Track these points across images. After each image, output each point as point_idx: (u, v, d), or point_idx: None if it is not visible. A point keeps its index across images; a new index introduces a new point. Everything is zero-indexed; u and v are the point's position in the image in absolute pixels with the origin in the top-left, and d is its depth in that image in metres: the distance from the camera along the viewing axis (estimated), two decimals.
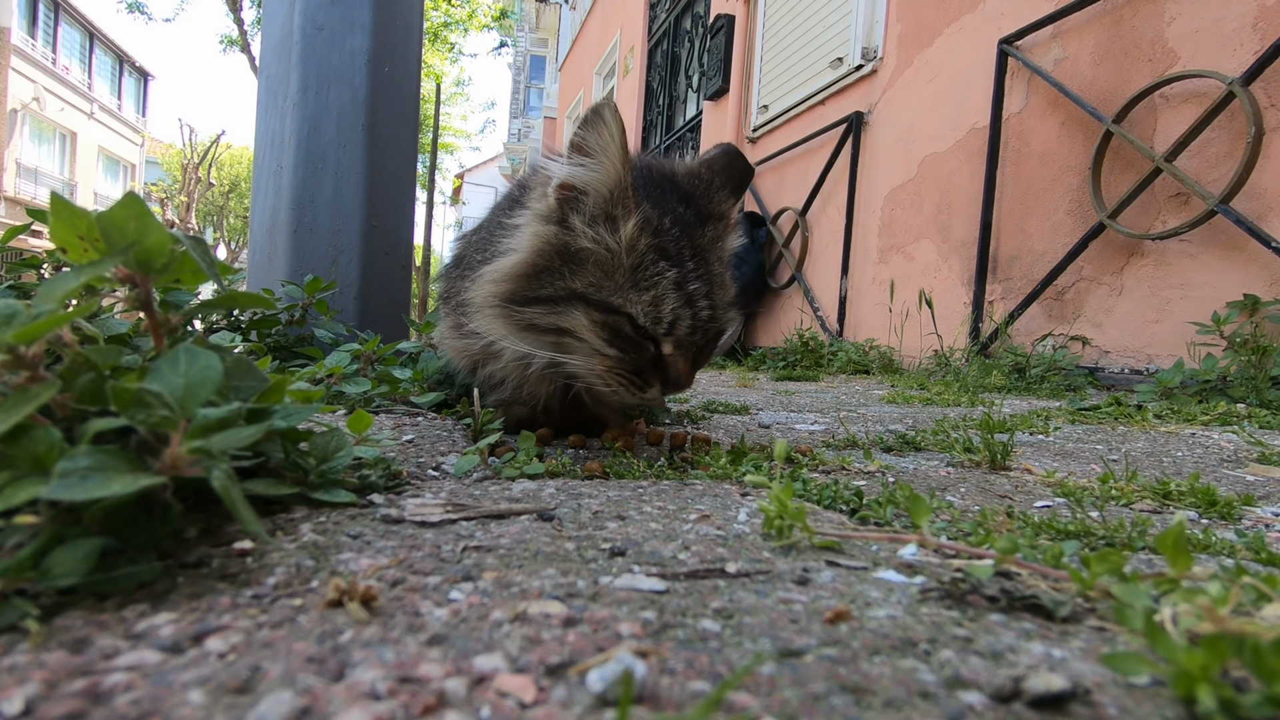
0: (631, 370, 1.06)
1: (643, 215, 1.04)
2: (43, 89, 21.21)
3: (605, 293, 1.04)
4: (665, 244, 1.04)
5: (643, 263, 1.03)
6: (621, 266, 1.03)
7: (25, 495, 0.48)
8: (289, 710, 0.37)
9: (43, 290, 0.59)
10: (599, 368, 1.07)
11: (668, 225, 1.05)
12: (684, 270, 1.04)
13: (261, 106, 2.66)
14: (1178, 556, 0.53)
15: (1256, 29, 2.54)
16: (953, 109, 3.94)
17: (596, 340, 1.05)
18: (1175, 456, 1.39)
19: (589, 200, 1.04)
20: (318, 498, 0.74)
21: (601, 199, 1.03)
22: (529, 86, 23.15)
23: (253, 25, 17.22)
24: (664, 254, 1.04)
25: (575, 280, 1.05)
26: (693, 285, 1.04)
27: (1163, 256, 2.83)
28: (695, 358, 1.11)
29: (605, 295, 1.03)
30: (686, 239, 1.07)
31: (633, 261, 1.03)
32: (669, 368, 1.07)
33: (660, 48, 9.38)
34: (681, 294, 1.03)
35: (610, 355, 1.05)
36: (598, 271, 1.04)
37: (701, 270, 1.06)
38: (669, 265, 1.03)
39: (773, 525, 0.70)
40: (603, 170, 1.01)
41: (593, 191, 1.03)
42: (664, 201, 1.08)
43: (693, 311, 1.04)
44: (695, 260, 1.06)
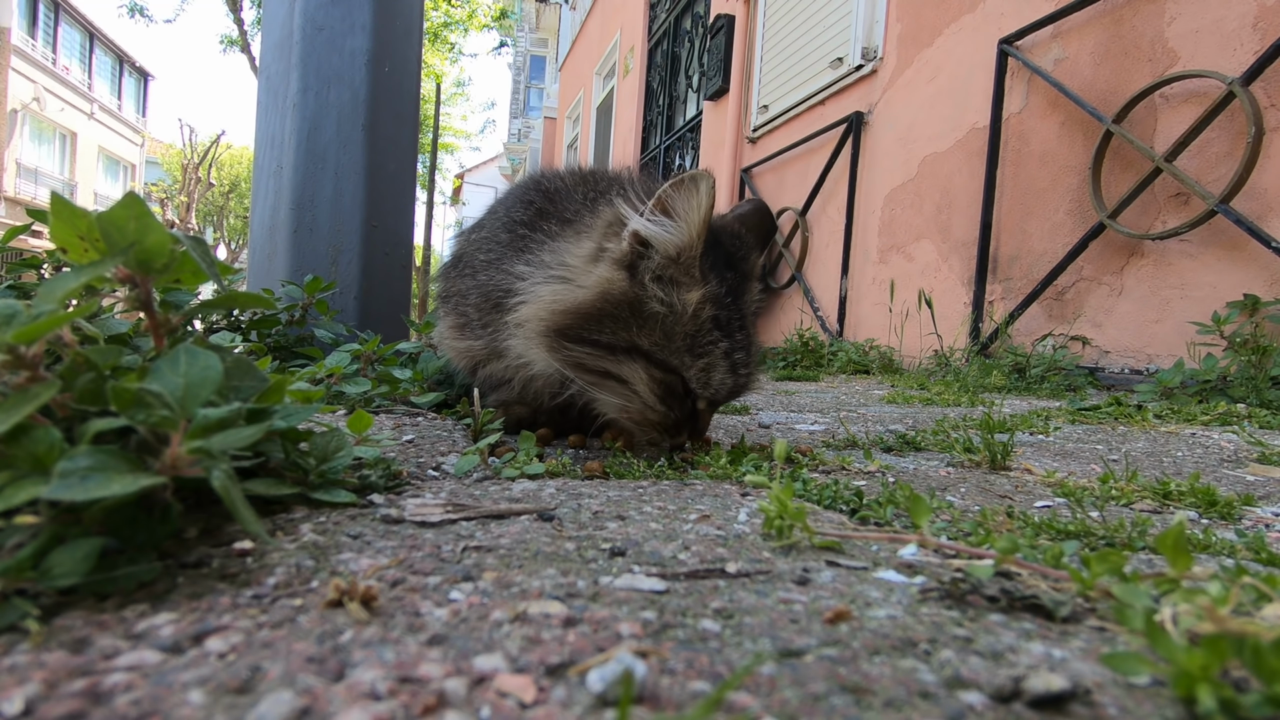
0: (671, 423, 1.13)
1: (707, 287, 1.09)
2: (43, 89, 21.21)
3: (665, 353, 1.08)
4: (720, 314, 1.10)
5: (701, 330, 1.09)
6: (682, 331, 1.08)
7: (25, 495, 0.48)
8: (289, 710, 0.37)
9: (43, 290, 0.59)
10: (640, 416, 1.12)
11: (723, 295, 1.11)
12: (734, 341, 1.11)
13: (261, 106, 2.66)
14: (1178, 556, 0.53)
15: (1256, 29, 2.54)
16: (953, 109, 3.94)
17: (650, 395, 1.09)
18: (1175, 456, 1.39)
19: (657, 259, 1.06)
20: (318, 498, 0.74)
21: (671, 262, 1.06)
22: (529, 86, 23.15)
23: (253, 25, 17.23)
24: (719, 324, 1.10)
25: (641, 337, 1.07)
26: (738, 355, 1.11)
27: (1163, 256, 2.83)
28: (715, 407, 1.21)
29: (665, 355, 1.08)
30: (735, 308, 1.14)
31: (692, 328, 1.08)
32: (699, 420, 1.16)
33: (660, 48, 9.38)
34: (729, 363, 1.10)
35: (659, 410, 1.11)
36: (660, 332, 1.07)
37: (745, 340, 1.13)
38: (722, 335, 1.10)
39: (773, 525, 0.70)
40: (681, 236, 1.04)
41: (664, 253, 1.05)
42: (718, 268, 1.13)
43: (735, 379, 1.11)
44: (742, 331, 1.13)
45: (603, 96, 12.47)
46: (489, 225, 1.36)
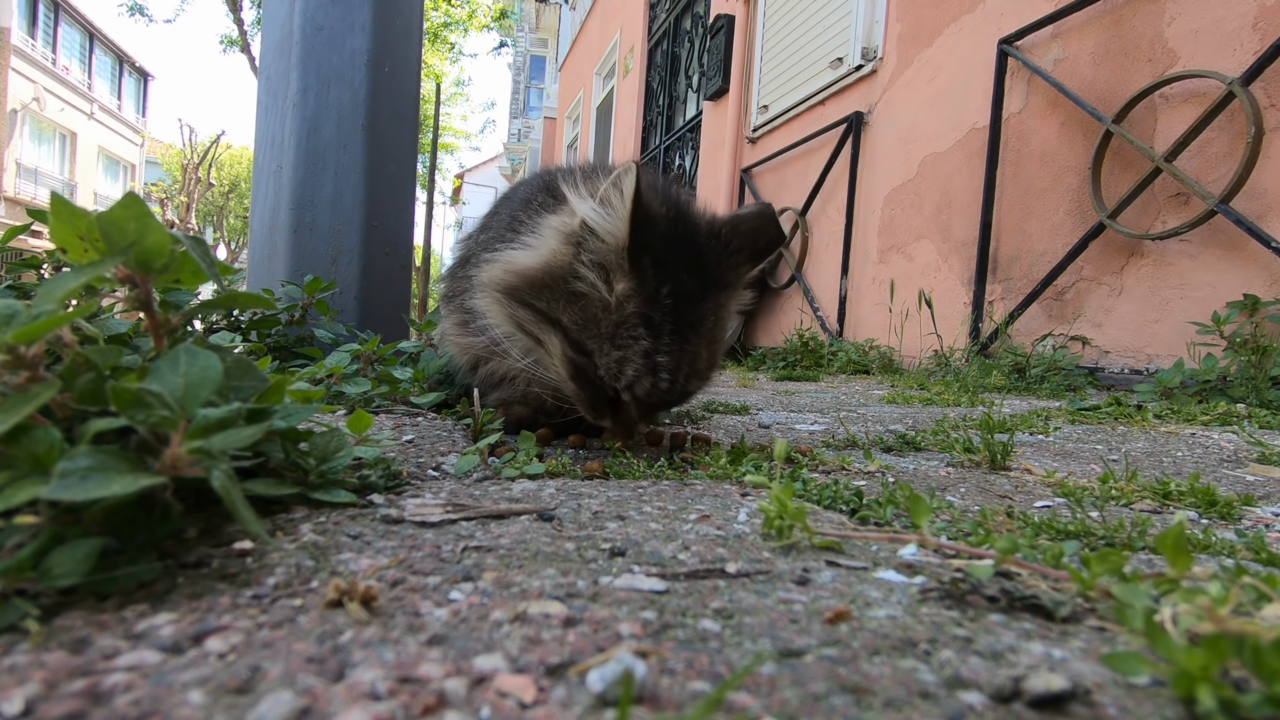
0: (587, 403, 1.14)
1: (637, 283, 1.05)
2: (43, 89, 21.21)
3: (583, 335, 1.08)
4: (652, 314, 1.05)
5: (625, 323, 1.05)
6: (607, 319, 1.07)
7: (25, 495, 0.48)
8: (289, 710, 0.37)
9: (43, 290, 0.59)
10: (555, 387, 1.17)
11: (663, 295, 1.06)
12: (658, 343, 1.05)
13: (261, 106, 2.66)
14: (1178, 556, 0.53)
15: (1256, 29, 2.54)
16: (953, 109, 3.94)
17: (563, 370, 1.12)
18: (1175, 456, 1.39)
19: (594, 244, 1.07)
20: (318, 498, 0.74)
21: (605, 251, 1.06)
22: (529, 86, 23.15)
23: (253, 25, 17.23)
24: (647, 322, 1.05)
25: (564, 313, 1.09)
26: (661, 357, 1.04)
27: (1163, 256, 2.83)
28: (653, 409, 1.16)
29: (582, 337, 1.08)
30: (677, 311, 1.06)
31: (617, 318, 1.06)
32: (623, 414, 1.13)
33: (660, 48, 9.37)
34: (648, 363, 1.05)
35: (570, 386, 1.13)
36: (584, 314, 1.08)
37: (676, 346, 1.05)
38: (647, 334, 1.05)
39: (773, 525, 0.70)
40: (613, 226, 1.05)
41: (601, 239, 1.06)
42: (670, 267, 1.07)
43: (654, 380, 1.05)
44: (675, 335, 1.06)
45: (603, 96, 12.47)
46: (494, 226, 1.37)
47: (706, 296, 1.11)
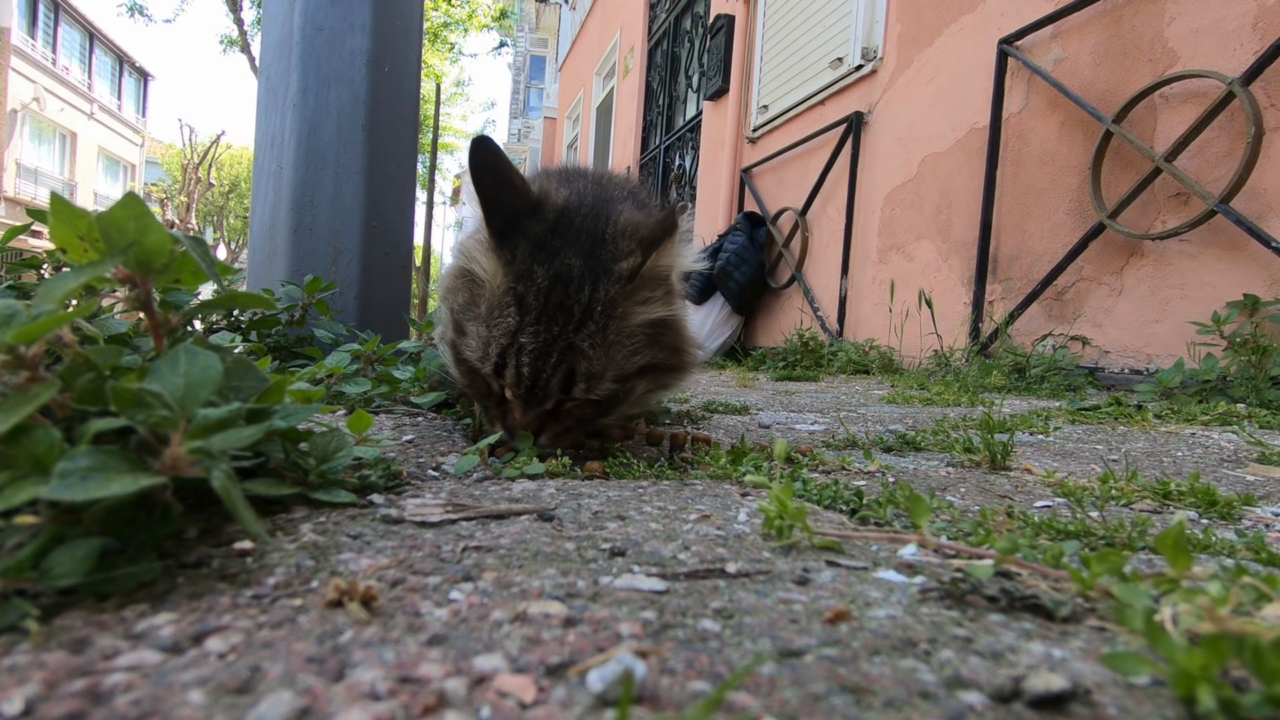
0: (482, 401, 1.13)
1: (509, 260, 1.04)
2: (43, 89, 21.21)
3: (464, 317, 1.09)
4: (525, 293, 1.02)
5: (499, 304, 1.05)
6: (488, 302, 1.07)
7: (25, 495, 0.48)
8: (289, 710, 0.37)
9: (43, 290, 0.59)
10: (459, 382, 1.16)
11: (538, 276, 1.03)
12: (525, 321, 1.01)
13: (261, 106, 2.66)
14: (1178, 556, 0.53)
15: (1256, 29, 2.54)
16: (953, 109, 3.94)
17: (450, 356, 1.13)
18: (1175, 456, 1.39)
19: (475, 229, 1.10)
20: (318, 498, 0.74)
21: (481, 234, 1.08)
22: (529, 86, 23.16)
23: (253, 25, 17.22)
24: (520, 301, 1.02)
25: (457, 296, 1.12)
26: (524, 339, 1.01)
27: (1163, 256, 2.83)
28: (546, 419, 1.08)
29: (464, 319, 1.09)
30: (551, 294, 1.02)
31: (493, 300, 1.06)
32: (508, 413, 1.09)
33: (660, 48, 9.37)
34: (511, 344, 1.01)
35: (454, 371, 1.13)
36: (470, 296, 1.10)
37: (541, 328, 1.01)
38: (516, 313, 1.02)
39: (773, 525, 0.70)
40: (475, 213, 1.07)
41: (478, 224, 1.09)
42: (555, 248, 1.04)
43: (516, 364, 1.02)
44: (544, 318, 1.01)
45: (603, 96, 12.47)
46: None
47: (597, 281, 1.03)
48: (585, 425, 1.13)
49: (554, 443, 1.10)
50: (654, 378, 1.14)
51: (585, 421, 1.12)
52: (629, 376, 1.08)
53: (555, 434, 1.10)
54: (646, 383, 1.13)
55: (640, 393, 1.13)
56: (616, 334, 1.05)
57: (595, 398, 1.06)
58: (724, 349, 5.56)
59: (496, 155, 1.06)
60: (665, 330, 1.12)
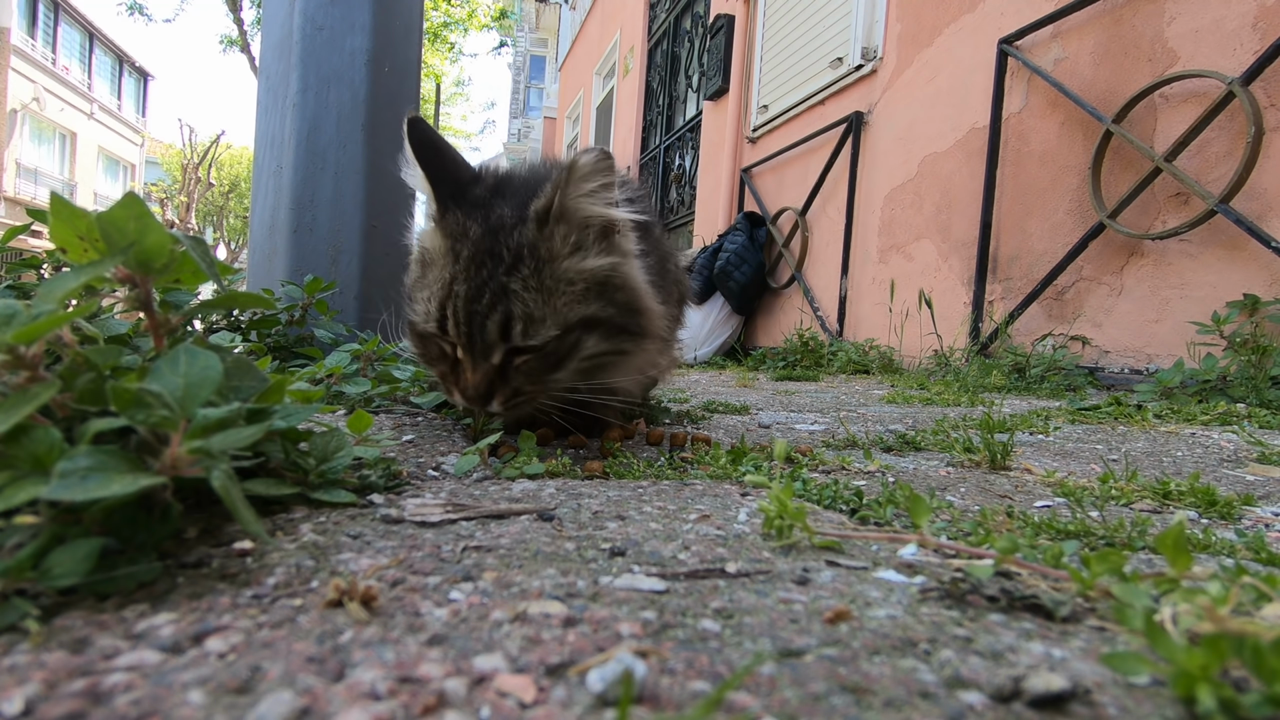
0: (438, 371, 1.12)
1: (449, 223, 1.07)
2: (43, 89, 21.21)
3: (415, 290, 1.12)
4: (460, 248, 1.05)
5: (440, 264, 1.08)
6: (432, 269, 1.09)
7: (25, 495, 0.48)
8: (289, 710, 0.37)
9: (43, 290, 0.59)
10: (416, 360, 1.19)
11: (472, 230, 1.05)
12: (455, 269, 1.04)
13: (261, 106, 2.66)
14: (1178, 556, 0.53)
15: (1256, 29, 2.54)
16: (953, 109, 3.94)
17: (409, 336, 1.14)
18: (1175, 456, 1.39)
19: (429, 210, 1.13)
20: (318, 498, 0.74)
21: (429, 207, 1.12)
22: (529, 86, 23.15)
23: (253, 25, 17.23)
24: (455, 255, 1.05)
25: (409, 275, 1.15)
26: (458, 286, 1.03)
27: (1163, 256, 2.83)
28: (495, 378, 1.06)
29: (415, 290, 1.11)
30: (483, 242, 1.04)
31: (436, 264, 1.09)
32: (460, 375, 1.08)
33: (660, 48, 9.37)
34: (448, 295, 1.03)
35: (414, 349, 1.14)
36: (419, 271, 1.13)
37: (472, 272, 1.02)
38: (451, 265, 1.05)
39: (773, 525, 0.70)
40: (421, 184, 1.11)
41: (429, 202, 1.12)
42: (491, 204, 1.08)
43: (453, 311, 1.03)
44: (475, 263, 1.03)
45: (603, 96, 12.47)
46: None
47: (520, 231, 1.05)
48: (538, 383, 1.08)
49: (508, 408, 1.07)
50: (607, 337, 1.10)
51: (535, 378, 1.08)
52: (573, 327, 1.06)
53: (507, 396, 1.06)
54: (598, 339, 1.09)
55: (592, 350, 1.09)
56: (552, 279, 1.05)
57: (536, 344, 1.04)
58: (724, 349, 5.56)
59: (431, 131, 1.11)
60: (613, 286, 1.10)
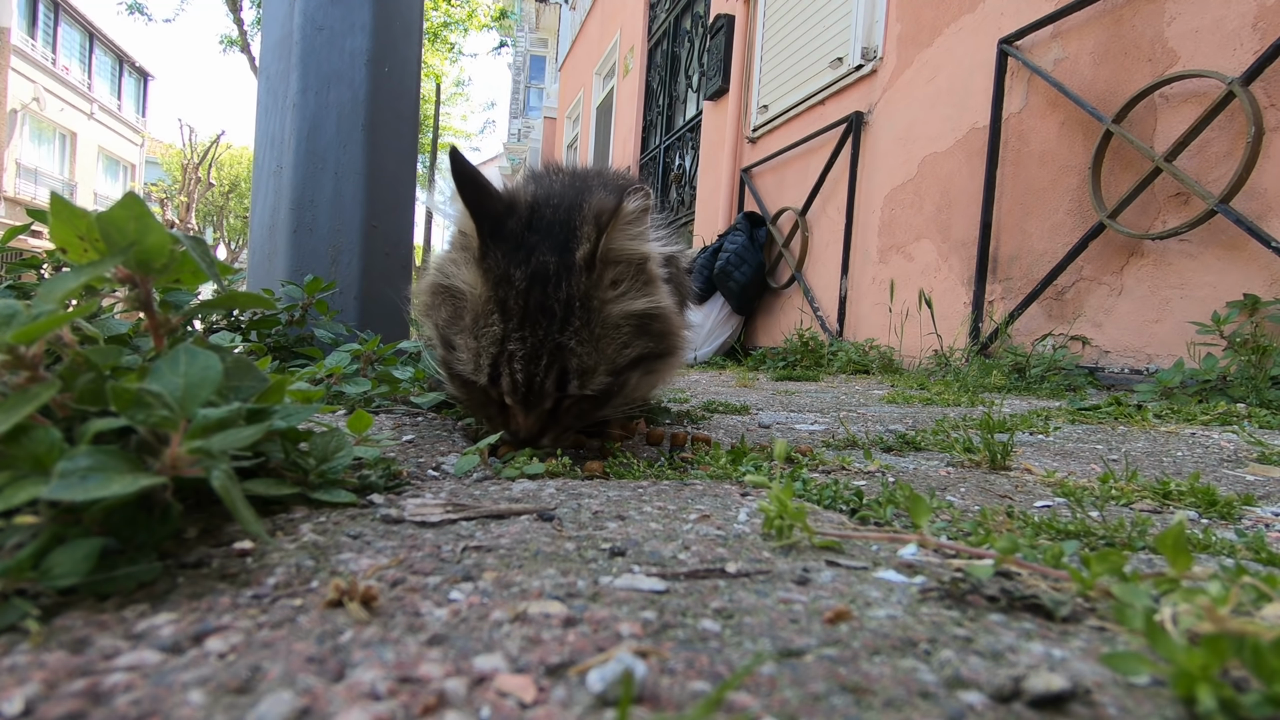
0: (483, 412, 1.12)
1: (489, 265, 1.04)
2: (43, 89, 21.21)
3: (451, 331, 1.08)
4: (506, 297, 1.02)
5: (483, 313, 1.04)
6: (472, 313, 1.06)
7: (25, 495, 0.48)
8: (289, 710, 0.37)
9: (43, 290, 0.59)
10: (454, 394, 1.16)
11: (516, 278, 1.02)
12: (508, 328, 1.02)
13: (261, 106, 2.66)
14: (1178, 556, 0.53)
15: (1256, 29, 2.54)
16: (953, 109, 3.94)
17: (444, 373, 1.12)
18: (1175, 456, 1.39)
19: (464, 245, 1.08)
20: (318, 498, 0.74)
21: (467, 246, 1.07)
22: (529, 86, 23.15)
23: (253, 25, 17.23)
24: (502, 307, 1.02)
25: (440, 312, 1.12)
26: (511, 346, 1.01)
27: (1163, 256, 2.83)
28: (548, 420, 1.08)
29: (450, 334, 1.09)
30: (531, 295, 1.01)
31: (478, 309, 1.05)
32: (510, 419, 1.08)
33: (660, 48, 9.37)
34: (501, 352, 1.02)
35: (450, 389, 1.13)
36: (453, 310, 1.09)
37: (527, 333, 1.01)
38: (500, 320, 1.02)
39: (773, 525, 0.70)
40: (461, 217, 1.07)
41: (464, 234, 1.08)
42: (530, 247, 1.04)
43: (510, 371, 1.02)
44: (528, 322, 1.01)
45: (603, 96, 12.47)
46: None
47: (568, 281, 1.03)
48: (586, 420, 1.13)
49: (556, 442, 1.10)
50: (649, 369, 1.14)
51: (585, 416, 1.12)
52: (622, 370, 1.08)
53: (557, 434, 1.10)
54: (640, 374, 1.13)
55: (635, 383, 1.14)
56: (602, 328, 1.05)
57: (591, 393, 1.05)
58: (724, 349, 5.56)
59: (470, 164, 1.07)
60: (651, 319, 1.11)
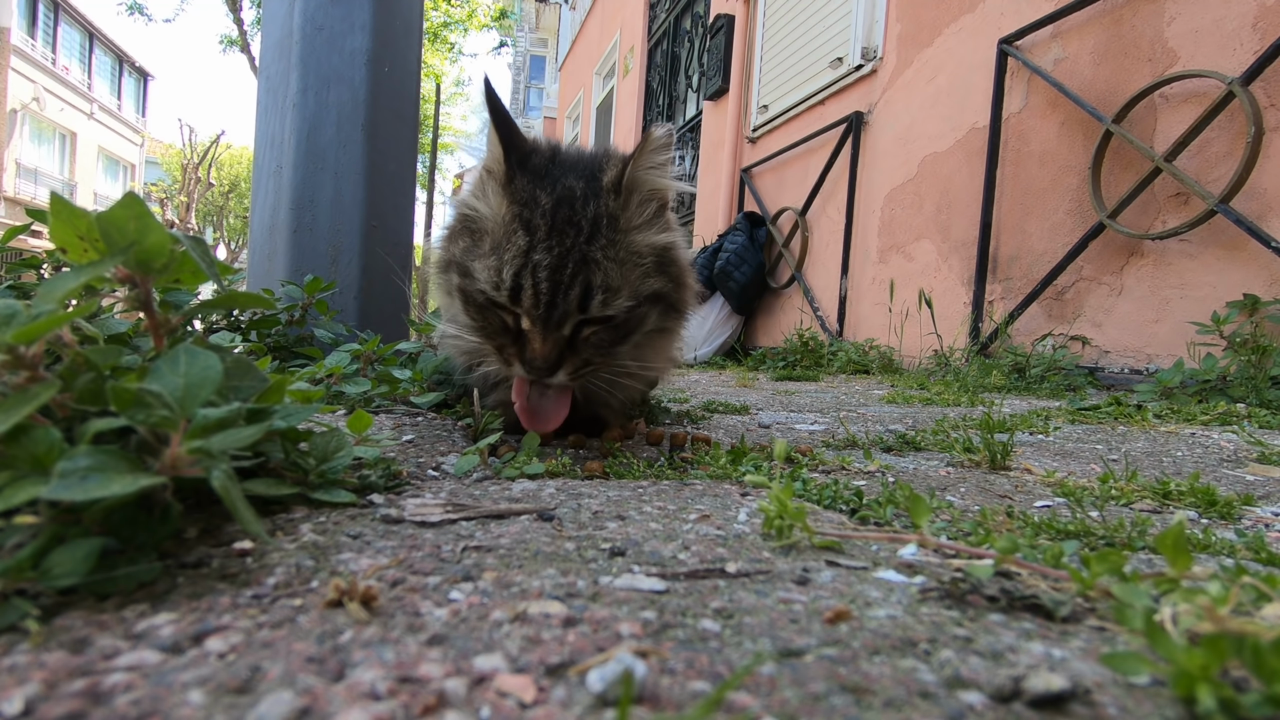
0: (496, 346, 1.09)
1: (516, 188, 1.07)
2: (43, 89, 21.21)
3: (469, 258, 1.09)
4: (531, 216, 1.05)
5: (507, 232, 1.06)
6: (493, 237, 1.08)
7: (25, 495, 0.48)
8: (289, 710, 0.37)
9: (43, 290, 0.59)
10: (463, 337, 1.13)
11: (542, 200, 1.05)
12: (533, 239, 1.03)
13: (261, 106, 2.66)
14: (1178, 556, 0.53)
15: (1256, 29, 2.54)
16: (953, 109, 3.94)
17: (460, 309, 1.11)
18: (1175, 456, 1.39)
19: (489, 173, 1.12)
20: (318, 498, 0.74)
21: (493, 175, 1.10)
22: (529, 86, 23.14)
23: (253, 25, 17.22)
24: (526, 225, 1.05)
25: (456, 246, 1.12)
26: (537, 255, 1.02)
27: (1162, 256, 2.83)
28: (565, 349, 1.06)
29: (468, 260, 1.09)
30: (558, 212, 1.04)
31: (501, 232, 1.07)
32: (525, 345, 1.06)
33: (660, 48, 9.37)
34: (525, 263, 1.02)
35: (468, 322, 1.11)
36: (473, 239, 1.11)
37: (553, 242, 1.02)
38: (525, 235, 1.04)
39: (773, 525, 0.70)
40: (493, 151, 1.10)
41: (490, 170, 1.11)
42: (555, 177, 1.08)
43: (533, 281, 1.01)
44: (555, 233, 1.03)
45: (603, 96, 12.46)
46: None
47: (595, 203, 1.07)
48: (602, 359, 1.10)
49: (574, 378, 1.07)
50: (664, 313, 1.15)
51: (602, 353, 1.09)
52: (643, 301, 1.09)
53: (575, 366, 1.07)
54: (658, 315, 1.14)
55: (652, 325, 1.14)
56: (625, 251, 1.07)
57: (612, 314, 1.05)
58: (724, 349, 5.56)
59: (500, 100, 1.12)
60: (669, 260, 1.13)
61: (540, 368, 1.05)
